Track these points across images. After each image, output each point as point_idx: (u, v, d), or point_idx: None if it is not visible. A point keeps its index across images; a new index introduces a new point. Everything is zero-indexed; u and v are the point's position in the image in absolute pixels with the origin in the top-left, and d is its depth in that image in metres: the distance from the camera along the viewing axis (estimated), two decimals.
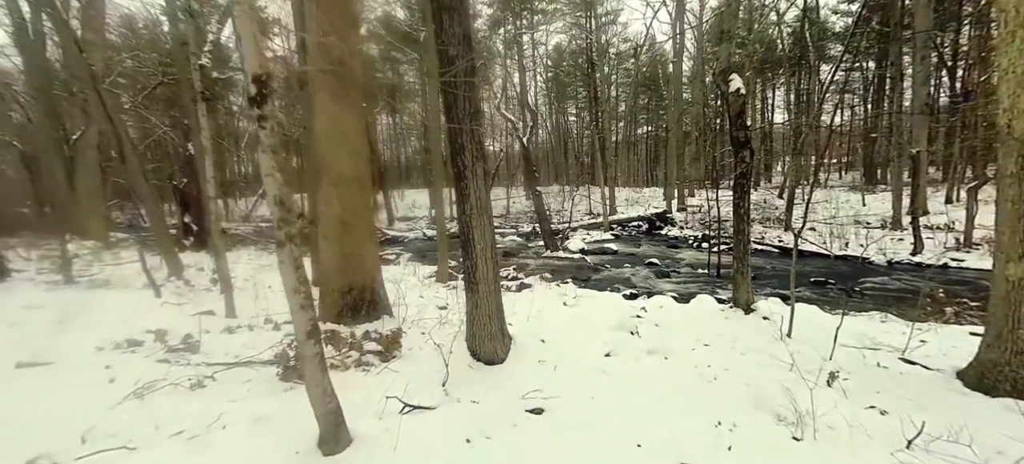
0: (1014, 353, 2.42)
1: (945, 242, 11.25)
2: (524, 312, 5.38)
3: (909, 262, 10.70)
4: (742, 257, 5.07)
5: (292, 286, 1.69)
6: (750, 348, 4.02)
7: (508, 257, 12.66)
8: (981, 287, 8.29)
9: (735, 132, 4.82)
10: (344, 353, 3.01)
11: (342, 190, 3.54)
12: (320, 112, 3.50)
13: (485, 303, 3.28)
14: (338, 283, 3.66)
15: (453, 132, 3.03)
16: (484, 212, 3.17)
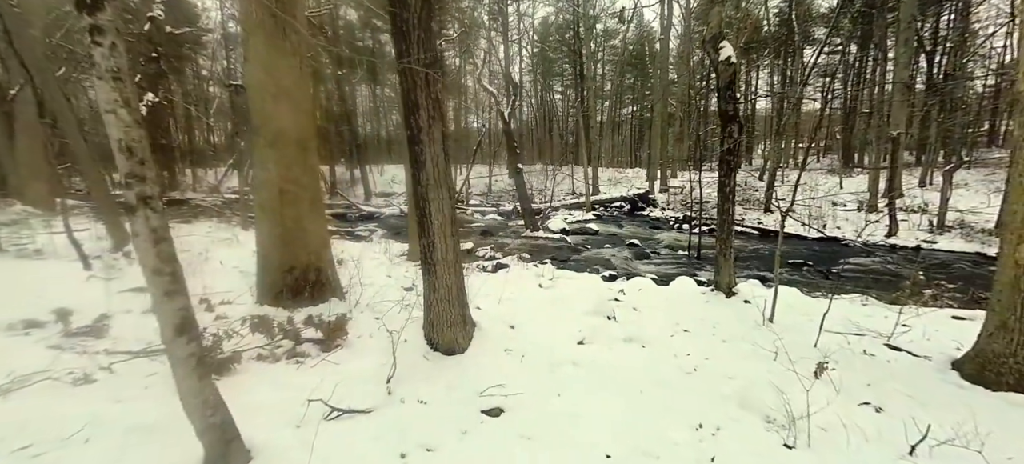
0: (1021, 344, 2.19)
1: (919, 224, 11.38)
2: (496, 294, 5.04)
3: (884, 244, 10.78)
4: (725, 238, 4.80)
5: (152, 267, 1.26)
6: (732, 335, 3.77)
7: (487, 236, 12.27)
8: (956, 269, 8.35)
9: (723, 104, 4.48)
10: (275, 343, 2.60)
11: (280, 152, 3.06)
12: (253, 59, 2.98)
13: (444, 286, 2.90)
14: (277, 260, 3.21)
15: (406, 86, 2.58)
16: (443, 182, 2.76)
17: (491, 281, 6.18)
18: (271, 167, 3.06)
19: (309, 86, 3.28)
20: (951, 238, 10.40)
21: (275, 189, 3.08)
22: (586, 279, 6.89)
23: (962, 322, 4.14)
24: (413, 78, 2.50)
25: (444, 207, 2.79)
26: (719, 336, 3.80)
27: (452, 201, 2.85)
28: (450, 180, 2.87)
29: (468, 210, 17.48)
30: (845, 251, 10.45)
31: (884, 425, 2.06)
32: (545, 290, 5.70)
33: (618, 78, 31.80)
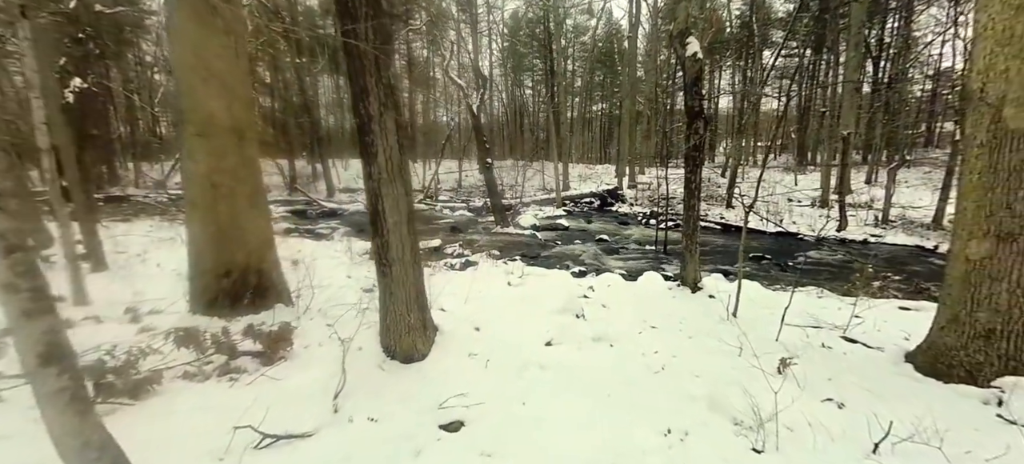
0: (971, 337, 2.24)
1: (866, 219, 12.04)
2: (463, 293, 4.85)
3: (835, 238, 11.34)
4: (691, 234, 4.81)
5: (4, 281, 1.01)
6: (698, 330, 3.76)
7: (456, 233, 12.02)
8: (899, 262, 8.86)
9: (690, 100, 4.46)
10: (204, 358, 2.31)
11: (213, 143, 2.74)
12: (178, 38, 2.64)
13: (401, 288, 2.69)
14: (211, 262, 2.89)
15: (353, 69, 2.34)
16: (398, 176, 2.54)
17: (458, 280, 5.98)
18: (201, 158, 2.73)
19: (246, 69, 2.97)
20: (895, 232, 11.05)
21: (206, 182, 2.76)
22: (556, 276, 6.81)
23: (909, 313, 4.33)
24: (361, 60, 2.26)
25: (400, 203, 2.58)
26: (685, 332, 3.78)
27: (409, 196, 2.64)
28: (407, 173, 2.66)
29: (437, 206, 17.13)
30: (800, 245, 10.90)
31: (847, 423, 2.04)
32: (514, 288, 5.57)
33: (588, 75, 32.06)
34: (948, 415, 2.02)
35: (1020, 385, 2.01)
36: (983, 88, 2.13)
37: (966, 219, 2.23)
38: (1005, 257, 2.06)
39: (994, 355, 2.18)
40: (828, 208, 13.41)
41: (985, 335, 2.22)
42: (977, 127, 2.16)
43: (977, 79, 2.17)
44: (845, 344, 3.48)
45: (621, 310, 4.52)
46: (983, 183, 2.12)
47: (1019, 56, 1.96)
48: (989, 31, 2.10)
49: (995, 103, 2.07)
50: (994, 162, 2.08)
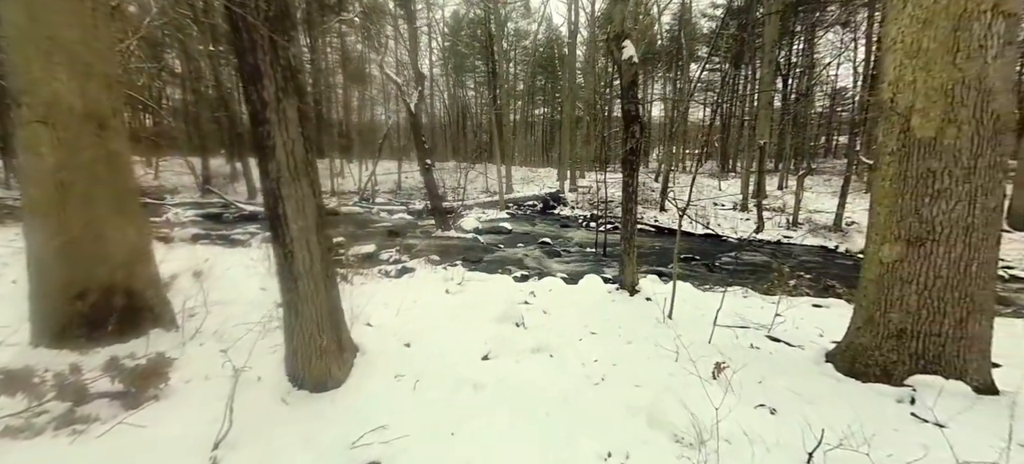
0: (885, 338, 2.35)
1: (779, 222, 13.21)
2: (396, 304, 4.48)
3: (755, 239, 12.32)
4: (629, 237, 4.83)
5: None
6: (636, 335, 3.73)
7: (393, 237, 11.43)
8: (808, 261, 9.75)
9: (626, 104, 4.46)
10: (38, 406, 1.78)
11: (61, 133, 2.16)
12: None
13: (309, 306, 2.31)
14: (59, 282, 2.30)
15: (241, 46, 1.94)
16: (302, 175, 2.17)
17: (392, 288, 5.58)
18: (45, 151, 2.15)
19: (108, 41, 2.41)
20: (803, 234, 12.21)
21: (51, 182, 2.17)
22: (497, 281, 6.61)
23: (821, 311, 4.66)
24: (250, 33, 1.88)
25: (306, 206, 2.20)
26: (624, 337, 3.74)
27: (318, 198, 2.27)
28: (314, 172, 2.28)
29: (374, 209, 16.27)
30: (724, 246, 11.68)
31: (781, 430, 2.03)
32: (452, 296, 5.28)
33: (530, 79, 32.47)
34: (870, 417, 2.07)
35: (928, 383, 2.13)
36: (893, 98, 2.24)
37: (879, 224, 2.34)
38: (914, 260, 2.17)
39: (905, 354, 2.29)
40: (748, 211, 14.56)
41: (897, 335, 2.30)
42: (888, 135, 2.28)
43: (888, 89, 2.28)
44: (771, 344, 3.61)
45: (562, 316, 4.42)
46: (894, 189, 2.23)
47: (925, 68, 2.07)
48: (899, 44, 2.21)
49: (904, 112, 2.18)
50: (904, 169, 2.18)
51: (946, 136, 2.03)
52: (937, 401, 2.01)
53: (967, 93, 1.98)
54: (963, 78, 1.98)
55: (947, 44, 2.01)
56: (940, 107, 2.05)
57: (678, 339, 3.52)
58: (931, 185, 2.09)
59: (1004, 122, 1.94)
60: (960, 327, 2.11)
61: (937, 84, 2.05)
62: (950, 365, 2.16)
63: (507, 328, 3.81)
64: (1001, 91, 1.95)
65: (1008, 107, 1.96)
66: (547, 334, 3.68)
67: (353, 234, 11.33)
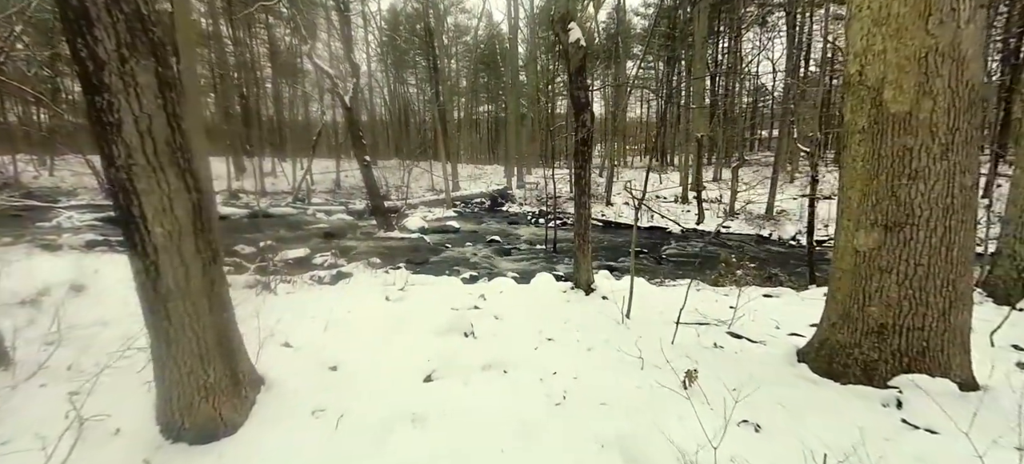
0: (864, 334, 2.20)
1: (717, 212, 13.86)
2: (325, 316, 3.87)
3: (696, 230, 12.81)
4: (583, 234, 4.57)
5: None
6: (596, 340, 3.44)
7: (330, 239, 10.48)
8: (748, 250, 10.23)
9: (575, 90, 4.18)
10: None
11: None
12: None
13: (188, 335, 1.73)
14: None
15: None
16: (168, 163, 1.59)
17: (324, 297, 4.91)
18: None
19: None
20: (739, 222, 12.87)
21: None
22: (444, 284, 6.12)
23: (772, 301, 4.68)
24: None
25: (175, 204, 1.62)
26: (584, 342, 3.44)
27: (196, 194, 1.69)
28: (190, 158, 1.70)
29: (309, 209, 14.98)
30: (668, 238, 12.01)
31: (774, 455, 1.79)
32: (392, 304, 4.72)
33: (472, 75, 31.93)
34: (861, 427, 1.89)
35: (916, 383, 1.99)
36: (862, 71, 2.09)
37: (852, 209, 2.19)
38: (893, 247, 2.03)
39: (888, 352, 2.10)
40: (688, 203, 15.17)
41: (878, 331, 2.12)
42: (857, 112, 2.13)
43: (854, 62, 2.13)
44: (734, 341, 3.48)
45: (515, 321, 4.05)
46: (867, 171, 2.09)
47: (897, 35, 1.92)
48: (865, 10, 2.06)
49: (875, 85, 2.03)
50: (876, 148, 2.04)
51: (921, 109, 1.90)
52: (925, 403, 1.88)
53: (941, 62, 1.85)
54: (937, 45, 1.85)
55: (918, 8, 1.87)
56: (914, 78, 1.91)
57: (640, 342, 3.28)
58: (908, 164, 1.95)
59: (978, 93, 1.84)
60: (943, 319, 2.00)
61: (910, 52, 1.91)
62: (934, 361, 2.05)
63: (455, 340, 3.37)
64: (974, 58, 1.85)
65: (980, 76, 1.86)
66: (500, 344, 3.29)
67: (282, 237, 10.25)
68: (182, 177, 1.61)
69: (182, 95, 1.67)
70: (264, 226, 11.89)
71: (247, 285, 5.08)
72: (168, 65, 1.56)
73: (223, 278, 1.94)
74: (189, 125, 1.73)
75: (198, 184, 1.68)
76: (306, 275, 6.42)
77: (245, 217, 13.18)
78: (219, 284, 1.85)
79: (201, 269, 1.70)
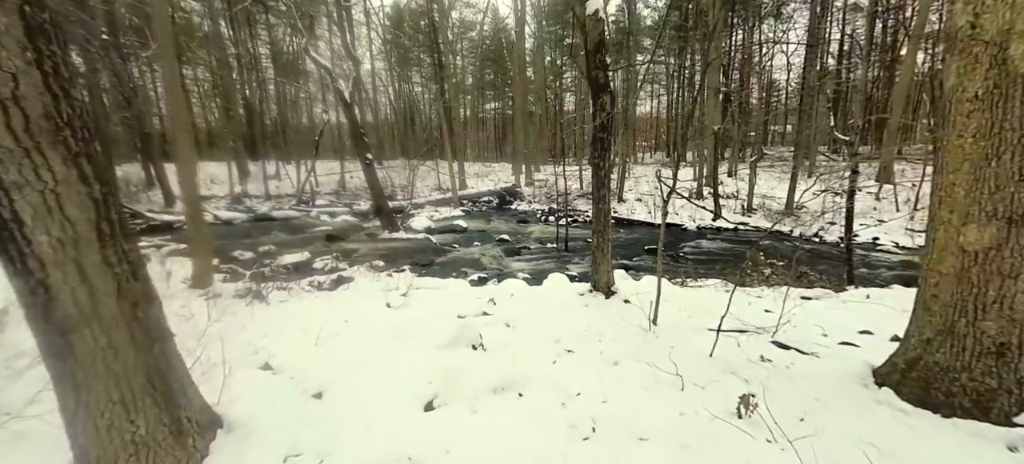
0: (976, 355, 1.71)
1: (734, 208, 13.26)
2: (318, 328, 3.49)
3: (711, 226, 12.24)
4: (602, 231, 4.11)
5: None
6: (623, 352, 3.00)
7: (333, 241, 10.13)
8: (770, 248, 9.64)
9: (593, 70, 3.72)
10: None
11: None
12: None
13: (103, 376, 1.33)
14: None
15: None
16: (53, 143, 1.19)
17: (320, 305, 4.53)
18: None
19: None
20: (758, 219, 12.27)
21: None
22: (451, 287, 5.72)
23: (813, 304, 4.18)
24: None
25: (66, 202, 1.22)
26: (609, 355, 3.00)
27: (103, 189, 1.29)
28: (86, 143, 1.29)
29: (313, 212, 14.68)
30: (685, 235, 11.47)
31: None
32: (394, 311, 4.32)
33: (479, 72, 31.49)
34: None
35: None
36: (975, 22, 1.62)
37: (957, 198, 1.72)
38: (1020, 246, 1.56)
39: (1011, 379, 1.65)
40: (702, 199, 14.57)
41: (997, 352, 1.67)
42: (968, 75, 1.66)
43: (964, 12, 1.66)
44: (780, 353, 3.01)
45: (529, 329, 3.63)
46: (981, 150, 1.62)
47: None
48: None
49: (995, 40, 1.57)
50: (997, 120, 1.57)
51: None
52: None
53: None
54: None
55: None
56: None
57: (673, 354, 2.83)
58: None
59: None
60: None
61: None
62: None
63: (461, 354, 2.95)
64: None
65: None
66: (513, 358, 2.87)
67: (283, 242, 9.92)
68: (75, 164, 1.21)
69: (68, 54, 1.26)
70: (266, 230, 11.62)
71: (237, 294, 4.72)
72: (40, 4, 1.14)
73: (151, 298, 1.52)
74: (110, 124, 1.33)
75: (102, 174, 1.28)
76: (304, 281, 6.05)
77: (247, 221, 12.92)
78: (146, 307, 1.44)
79: (115, 288, 1.29)
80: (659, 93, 33.59)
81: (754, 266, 6.21)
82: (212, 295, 4.68)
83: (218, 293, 4.74)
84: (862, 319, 3.99)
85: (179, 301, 4.40)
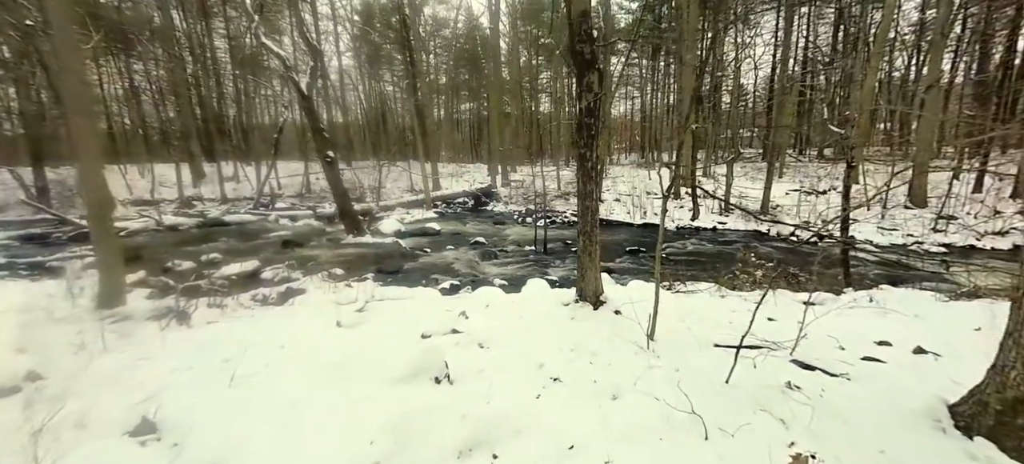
0: None
1: (712, 208, 13.11)
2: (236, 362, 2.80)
3: (690, 226, 12.02)
4: (589, 231, 3.59)
5: None
6: (623, 380, 2.46)
7: (290, 248, 9.24)
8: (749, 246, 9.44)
9: (578, 43, 3.19)
10: None
11: None
12: None
13: None
14: None
15: None
16: None
17: (256, 327, 3.82)
18: None
19: None
20: (735, 218, 12.13)
21: None
22: (418, 298, 5.07)
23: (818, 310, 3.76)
24: None
25: None
26: (605, 384, 2.46)
27: None
28: None
29: (272, 215, 13.62)
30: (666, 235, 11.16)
31: None
32: (345, 331, 3.66)
33: (453, 71, 30.74)
34: None
35: None
36: None
37: None
38: None
39: None
40: (680, 199, 14.41)
41: None
42: None
43: None
44: (805, 374, 2.56)
45: (506, 349, 3.06)
46: None
47: None
48: None
49: None
50: None
51: None
52: None
53: None
54: None
55: None
56: None
57: (682, 381, 2.32)
58: None
59: None
60: None
61: None
62: None
63: (421, 393, 2.34)
64: None
65: None
66: (486, 395, 2.29)
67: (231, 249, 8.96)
68: None
69: None
70: (217, 236, 10.58)
71: (153, 316, 3.91)
72: None
73: None
74: None
75: None
76: (246, 295, 5.25)
77: (195, 227, 11.78)
78: None
79: None
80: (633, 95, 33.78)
81: (744, 267, 5.84)
82: (120, 318, 3.86)
83: (128, 315, 3.92)
84: (874, 327, 3.62)
85: (75, 328, 3.57)
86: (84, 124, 4.25)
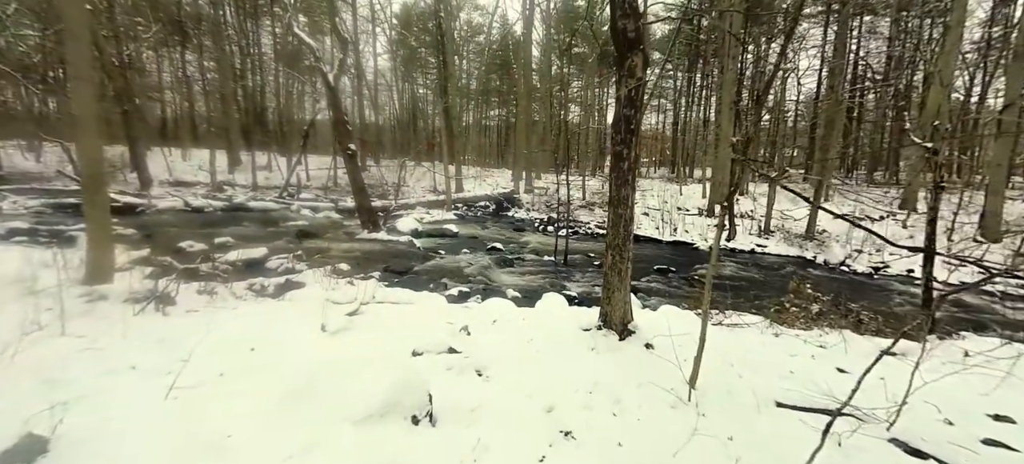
0: None
1: (750, 229, 12.15)
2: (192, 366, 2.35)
3: (726, 247, 11.11)
4: (620, 245, 2.99)
5: None
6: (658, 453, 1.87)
7: (304, 238, 9.00)
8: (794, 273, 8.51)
9: (620, 20, 2.63)
10: None
11: None
12: None
13: None
14: None
15: None
16: None
17: (233, 323, 3.40)
18: None
19: None
20: (776, 241, 11.16)
21: None
22: (420, 304, 4.59)
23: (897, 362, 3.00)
24: None
25: None
26: (632, 451, 1.87)
27: None
28: None
29: (294, 205, 13.56)
30: (696, 255, 10.33)
31: None
32: (327, 339, 3.19)
33: (484, 77, 30.57)
34: None
35: None
36: None
37: None
38: None
39: None
40: (713, 216, 13.48)
41: None
42: None
43: None
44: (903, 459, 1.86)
45: (509, 382, 2.51)
46: None
47: None
48: None
49: None
50: None
51: None
52: None
53: None
54: None
55: None
56: None
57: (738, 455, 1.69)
58: None
59: None
60: None
61: None
62: None
63: (389, 437, 1.83)
64: None
65: None
66: (473, 449, 1.75)
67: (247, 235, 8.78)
68: None
69: None
70: (237, 220, 10.51)
71: (131, 298, 3.56)
72: None
73: None
74: None
75: None
76: (242, 283, 4.91)
77: (219, 210, 11.81)
78: None
79: None
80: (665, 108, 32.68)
81: (796, 298, 5.07)
82: (96, 298, 3.53)
83: (104, 295, 3.58)
84: (981, 393, 2.85)
85: (48, 303, 3.24)
86: (85, 90, 4.00)
